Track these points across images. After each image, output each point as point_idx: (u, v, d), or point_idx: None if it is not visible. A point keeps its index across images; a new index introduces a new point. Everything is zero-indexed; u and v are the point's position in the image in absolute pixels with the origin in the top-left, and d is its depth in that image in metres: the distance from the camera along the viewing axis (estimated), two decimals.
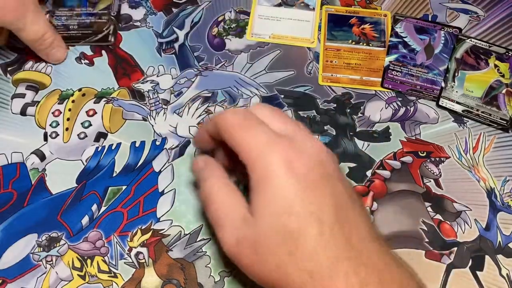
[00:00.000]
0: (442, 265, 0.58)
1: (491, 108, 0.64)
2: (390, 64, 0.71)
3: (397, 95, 0.71)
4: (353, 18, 0.77)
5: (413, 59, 0.71)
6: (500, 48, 0.69)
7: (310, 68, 0.73)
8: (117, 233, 0.59)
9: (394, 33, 0.73)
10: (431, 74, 0.69)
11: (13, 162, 0.63)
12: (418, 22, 0.74)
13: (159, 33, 0.76)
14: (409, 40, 0.73)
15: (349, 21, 0.76)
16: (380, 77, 0.71)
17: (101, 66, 0.72)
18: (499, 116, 0.64)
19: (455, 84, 0.67)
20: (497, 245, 0.59)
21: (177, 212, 0.61)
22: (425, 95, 0.69)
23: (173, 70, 0.72)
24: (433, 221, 0.61)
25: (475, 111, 0.64)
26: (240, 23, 0.78)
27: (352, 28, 0.75)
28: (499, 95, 0.65)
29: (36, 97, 0.69)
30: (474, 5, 0.79)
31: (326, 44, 0.74)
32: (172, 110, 0.69)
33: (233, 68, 0.73)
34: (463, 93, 0.66)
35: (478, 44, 0.69)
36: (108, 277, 0.56)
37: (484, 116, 0.64)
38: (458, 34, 0.72)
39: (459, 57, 0.68)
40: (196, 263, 0.57)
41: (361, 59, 0.73)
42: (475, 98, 0.66)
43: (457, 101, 0.66)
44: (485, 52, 0.68)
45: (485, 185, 0.63)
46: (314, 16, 0.76)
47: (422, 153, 0.65)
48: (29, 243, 0.58)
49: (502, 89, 0.66)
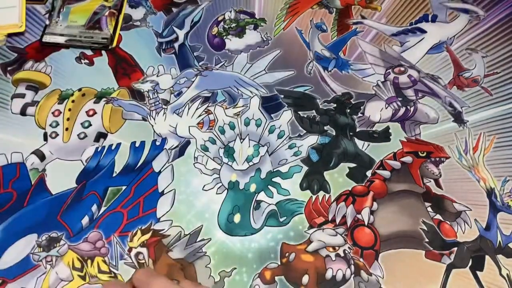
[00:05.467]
0: (442, 265, 0.58)
1: (93, 32, 0.70)
2: None
3: (397, 95, 0.71)
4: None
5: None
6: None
7: (310, 68, 0.73)
8: (117, 234, 0.59)
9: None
10: None
11: (13, 162, 0.63)
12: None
13: (159, 33, 0.76)
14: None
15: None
16: None
17: (101, 66, 0.72)
18: (101, 36, 0.70)
19: (60, 19, 0.71)
20: (497, 245, 0.59)
21: (177, 213, 0.61)
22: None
23: (173, 70, 0.72)
24: (433, 221, 0.61)
25: (77, 37, 0.70)
26: (240, 23, 0.78)
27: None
28: (101, 18, 0.71)
29: (36, 97, 0.69)
30: (474, 5, 0.79)
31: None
32: (172, 110, 0.69)
33: (233, 68, 0.73)
34: (68, 25, 0.71)
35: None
36: (108, 277, 0.56)
37: (87, 40, 0.70)
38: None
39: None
40: (196, 263, 0.57)
41: None
42: (79, 26, 0.71)
43: (60, 33, 0.70)
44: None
45: (485, 185, 0.63)
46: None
47: (422, 153, 0.65)
48: (29, 243, 0.58)
49: (105, 12, 0.72)
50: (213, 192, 0.62)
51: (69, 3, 0.68)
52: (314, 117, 0.68)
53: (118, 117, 0.67)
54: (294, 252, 0.58)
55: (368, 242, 0.59)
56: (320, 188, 0.63)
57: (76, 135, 0.66)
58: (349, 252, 0.58)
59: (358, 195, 0.62)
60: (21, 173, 0.62)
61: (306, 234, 0.60)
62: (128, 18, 0.77)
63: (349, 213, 0.61)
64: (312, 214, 0.61)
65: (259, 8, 0.80)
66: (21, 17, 0.70)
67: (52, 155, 0.64)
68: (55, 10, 0.67)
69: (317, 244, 0.58)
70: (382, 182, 0.63)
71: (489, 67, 0.72)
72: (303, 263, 0.57)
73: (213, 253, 0.58)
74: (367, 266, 0.57)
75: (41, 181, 0.62)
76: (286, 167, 0.64)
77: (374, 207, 0.61)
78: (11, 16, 0.70)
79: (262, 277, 0.57)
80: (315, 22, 0.79)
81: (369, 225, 0.60)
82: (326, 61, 0.74)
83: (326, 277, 0.56)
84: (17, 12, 0.70)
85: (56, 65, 0.72)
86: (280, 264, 0.58)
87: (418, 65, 0.73)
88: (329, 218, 0.61)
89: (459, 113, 0.69)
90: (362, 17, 0.79)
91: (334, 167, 0.65)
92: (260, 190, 0.63)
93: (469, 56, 0.74)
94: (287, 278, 0.57)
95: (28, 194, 0.61)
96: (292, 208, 0.61)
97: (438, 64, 0.74)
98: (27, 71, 0.71)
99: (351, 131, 0.67)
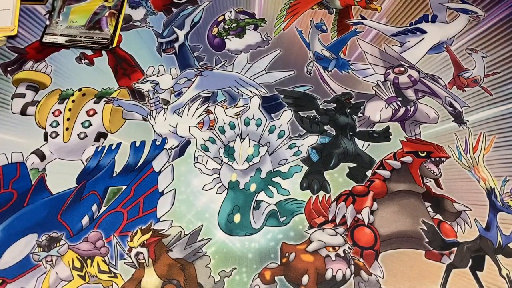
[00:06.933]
0: (442, 265, 0.58)
1: (94, 32, 0.70)
2: None
3: (397, 95, 0.71)
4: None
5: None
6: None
7: (310, 68, 0.73)
8: (117, 233, 0.59)
9: None
10: None
11: (13, 162, 0.63)
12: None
13: (159, 33, 0.76)
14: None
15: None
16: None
17: (101, 66, 0.72)
18: (101, 36, 0.70)
19: (60, 19, 0.71)
20: (497, 245, 0.59)
21: (177, 212, 0.61)
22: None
23: (173, 70, 0.72)
24: (433, 221, 0.61)
25: (78, 38, 0.70)
26: (241, 23, 0.78)
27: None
28: (102, 19, 0.71)
29: (36, 97, 0.69)
30: (474, 5, 0.79)
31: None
32: (172, 110, 0.69)
33: (233, 68, 0.73)
34: (68, 25, 0.70)
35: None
36: (108, 277, 0.56)
37: (87, 41, 0.70)
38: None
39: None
40: (196, 263, 0.57)
41: None
42: (79, 26, 0.71)
43: (60, 34, 0.70)
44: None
45: (485, 185, 0.63)
46: (14, 2, 0.72)
47: (422, 153, 0.65)
48: (29, 243, 0.58)
49: (106, 12, 0.71)
50: (213, 192, 0.62)
51: (70, 4, 0.69)
52: (314, 117, 0.68)
53: (118, 117, 0.68)
54: (294, 252, 0.58)
55: (368, 242, 0.59)
56: (320, 188, 0.63)
57: (76, 135, 0.66)
58: (349, 252, 0.58)
59: (358, 195, 0.62)
60: (21, 173, 0.62)
61: (306, 234, 0.60)
62: (128, 19, 0.77)
63: (349, 213, 0.61)
64: (312, 214, 0.61)
65: (259, 8, 0.80)
66: (14, 21, 0.70)
67: (52, 155, 0.64)
68: (56, 11, 0.67)
69: (317, 244, 0.58)
70: (382, 182, 0.63)
71: (489, 67, 0.72)
72: (303, 263, 0.57)
73: (213, 253, 0.58)
74: (367, 266, 0.57)
75: (41, 181, 0.62)
76: (286, 167, 0.64)
77: (374, 207, 0.61)
78: (4, 19, 0.70)
79: (262, 277, 0.57)
80: (315, 22, 0.79)
81: (369, 225, 0.60)
82: (326, 61, 0.74)
83: (326, 277, 0.56)
84: (10, 15, 0.70)
85: (56, 65, 0.72)
86: (280, 264, 0.58)
87: (418, 65, 0.74)
88: (329, 218, 0.61)
89: (459, 113, 0.69)
90: (362, 17, 0.79)
91: (334, 167, 0.65)
92: (260, 190, 0.63)
93: (469, 56, 0.74)
94: (287, 278, 0.57)
95: (28, 194, 0.61)
96: (292, 208, 0.61)
97: (438, 64, 0.74)
98: (27, 71, 0.71)
99: (351, 131, 0.67)
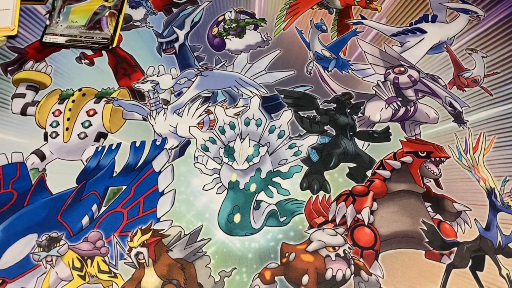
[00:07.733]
0: (442, 265, 0.58)
1: (94, 32, 0.70)
2: None
3: (397, 95, 0.71)
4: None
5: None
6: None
7: (310, 68, 0.73)
8: (117, 233, 0.59)
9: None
10: None
11: (13, 162, 0.63)
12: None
13: (159, 33, 0.76)
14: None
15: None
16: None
17: (101, 66, 0.72)
18: (101, 36, 0.70)
19: (60, 19, 0.71)
20: (497, 245, 0.59)
21: (177, 212, 0.61)
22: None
23: (173, 70, 0.72)
24: (433, 221, 0.61)
25: (78, 38, 0.69)
26: (241, 23, 0.78)
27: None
28: (102, 18, 0.71)
29: (36, 97, 0.69)
30: (474, 5, 0.79)
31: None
32: (172, 110, 0.69)
33: (233, 68, 0.73)
34: (68, 25, 0.70)
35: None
36: (108, 277, 0.56)
37: (87, 40, 0.69)
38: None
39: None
40: (196, 263, 0.57)
41: None
42: (79, 26, 0.71)
43: (61, 34, 0.70)
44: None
45: (485, 185, 0.63)
46: (14, 2, 0.71)
47: (422, 153, 0.65)
48: (29, 243, 0.58)
49: (106, 12, 0.71)
50: (213, 192, 0.62)
51: (70, 3, 0.69)
52: (314, 117, 0.68)
53: (118, 117, 0.68)
54: (294, 252, 0.58)
55: (368, 242, 0.59)
56: (320, 188, 0.63)
57: (76, 135, 0.66)
58: (349, 252, 0.58)
59: (358, 195, 0.62)
60: (21, 173, 0.62)
61: (306, 234, 0.60)
62: (128, 19, 0.77)
63: (349, 213, 0.61)
64: (312, 214, 0.61)
65: (259, 8, 0.80)
66: (14, 21, 0.70)
67: (52, 155, 0.64)
68: (56, 11, 0.67)
69: (317, 244, 0.58)
70: (382, 182, 0.63)
71: (489, 67, 0.72)
72: (303, 263, 0.57)
73: (213, 253, 0.58)
74: (367, 266, 0.57)
75: (41, 181, 0.62)
76: (286, 167, 0.64)
77: (374, 207, 0.61)
78: (4, 19, 0.70)
79: (262, 277, 0.57)
80: (315, 22, 0.79)
81: (369, 225, 0.60)
82: (326, 61, 0.74)
83: (326, 277, 0.56)
84: (10, 15, 0.69)
85: (56, 65, 0.72)
86: (280, 264, 0.58)
87: (418, 65, 0.74)
88: (329, 218, 0.61)
89: (459, 113, 0.69)
90: (362, 17, 0.79)
91: (334, 167, 0.65)
92: (260, 190, 0.63)
93: (469, 56, 0.74)
94: (287, 278, 0.57)
95: (28, 194, 0.61)
96: (292, 208, 0.61)
97: (438, 64, 0.74)
98: (28, 71, 0.71)
99: (351, 131, 0.67)
